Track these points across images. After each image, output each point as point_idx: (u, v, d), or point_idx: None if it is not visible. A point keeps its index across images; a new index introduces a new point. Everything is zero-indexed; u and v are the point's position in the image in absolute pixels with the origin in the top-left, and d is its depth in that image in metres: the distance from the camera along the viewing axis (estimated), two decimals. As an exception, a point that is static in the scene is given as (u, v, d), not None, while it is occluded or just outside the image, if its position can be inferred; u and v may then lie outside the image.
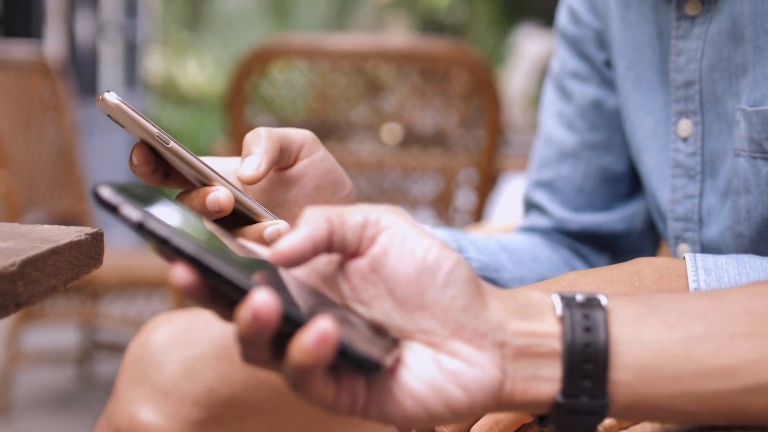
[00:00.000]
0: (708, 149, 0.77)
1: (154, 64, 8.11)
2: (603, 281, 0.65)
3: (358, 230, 0.50)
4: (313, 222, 0.49)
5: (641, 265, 0.65)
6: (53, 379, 2.97)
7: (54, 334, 3.03)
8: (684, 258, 0.66)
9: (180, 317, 0.89)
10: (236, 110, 2.13)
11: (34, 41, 5.36)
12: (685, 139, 0.79)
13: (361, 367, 0.45)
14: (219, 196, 0.64)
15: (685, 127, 0.79)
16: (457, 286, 0.48)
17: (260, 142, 0.68)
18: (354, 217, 0.50)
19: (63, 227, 0.67)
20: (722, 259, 0.64)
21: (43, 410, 2.75)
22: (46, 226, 0.67)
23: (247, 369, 0.81)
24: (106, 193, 0.46)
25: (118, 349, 2.83)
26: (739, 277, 0.63)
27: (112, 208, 0.46)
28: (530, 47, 3.83)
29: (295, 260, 0.48)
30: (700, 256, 0.64)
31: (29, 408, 2.75)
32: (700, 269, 0.63)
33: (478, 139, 2.21)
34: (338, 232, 0.49)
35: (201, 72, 9.54)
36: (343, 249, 0.50)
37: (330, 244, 0.49)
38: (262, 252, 0.52)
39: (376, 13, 9.62)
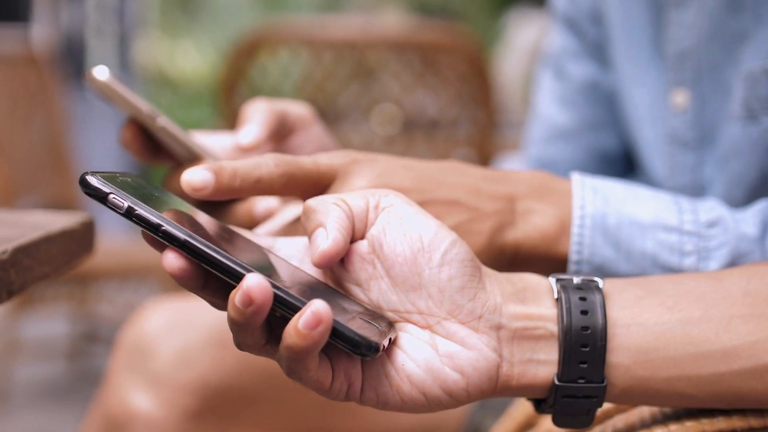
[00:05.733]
0: (707, 119, 0.76)
1: (148, 48, 8.06)
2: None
3: (363, 216, 0.49)
4: (335, 213, 0.48)
5: (537, 172, 0.62)
6: (49, 371, 2.95)
7: (49, 326, 3.01)
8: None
9: (174, 303, 0.88)
10: (229, 96, 2.11)
11: (23, 25, 5.32)
12: (681, 110, 0.78)
13: (357, 349, 0.44)
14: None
15: (681, 97, 0.78)
16: (453, 266, 0.48)
17: (259, 111, 0.69)
18: (358, 203, 0.49)
19: (54, 214, 0.66)
20: (611, 182, 0.61)
21: (39, 402, 2.74)
22: (37, 213, 0.66)
23: (242, 356, 0.81)
24: (95, 181, 0.46)
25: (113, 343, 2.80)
26: (626, 200, 0.59)
27: (101, 197, 0.46)
28: (524, 29, 3.82)
29: (340, 256, 0.48)
30: (589, 177, 0.61)
31: (26, 400, 2.74)
32: (588, 188, 0.60)
33: (474, 119, 2.20)
34: (352, 219, 0.49)
35: (195, 57, 9.49)
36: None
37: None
38: (251, 236, 0.52)
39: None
